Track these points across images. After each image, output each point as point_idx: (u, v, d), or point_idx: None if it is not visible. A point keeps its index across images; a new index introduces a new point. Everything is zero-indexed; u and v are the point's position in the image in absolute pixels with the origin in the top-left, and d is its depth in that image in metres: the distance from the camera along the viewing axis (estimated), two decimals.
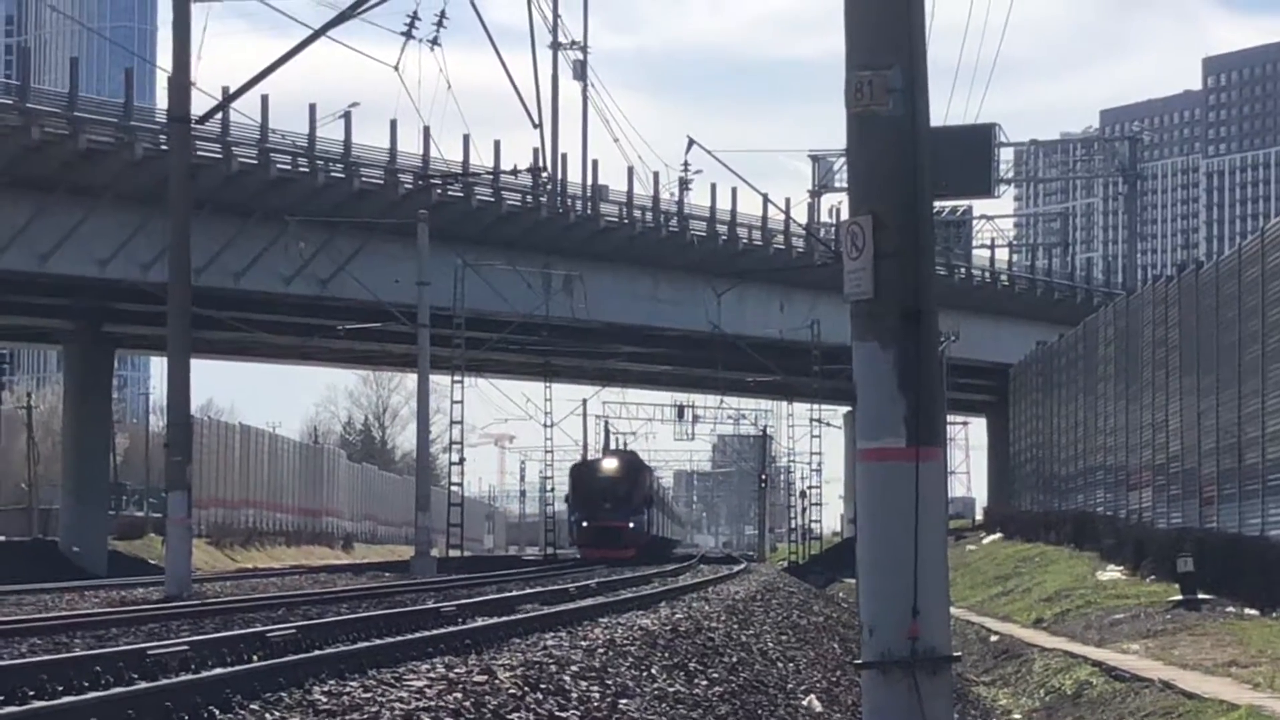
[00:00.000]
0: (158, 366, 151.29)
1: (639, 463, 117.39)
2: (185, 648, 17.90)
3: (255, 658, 17.58)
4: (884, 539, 11.87)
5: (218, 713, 13.27)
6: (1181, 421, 37.01)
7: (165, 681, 14.86)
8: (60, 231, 61.56)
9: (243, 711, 13.34)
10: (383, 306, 67.17)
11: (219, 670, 15.67)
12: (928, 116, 12.23)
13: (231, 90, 49.37)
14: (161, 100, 55.22)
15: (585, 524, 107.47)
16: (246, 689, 14.39)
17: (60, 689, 14.78)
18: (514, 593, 33.36)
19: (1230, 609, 30.90)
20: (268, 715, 13.11)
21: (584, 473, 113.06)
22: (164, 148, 50.62)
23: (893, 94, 11.96)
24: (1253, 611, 30.03)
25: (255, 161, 65.31)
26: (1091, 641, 30.70)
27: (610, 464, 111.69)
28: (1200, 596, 32.36)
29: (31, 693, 14.52)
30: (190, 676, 15.25)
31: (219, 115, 54.79)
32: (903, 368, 11.83)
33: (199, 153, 56.10)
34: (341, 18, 43.95)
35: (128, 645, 18.70)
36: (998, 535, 75.35)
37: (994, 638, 36.28)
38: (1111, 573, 41.97)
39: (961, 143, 13.04)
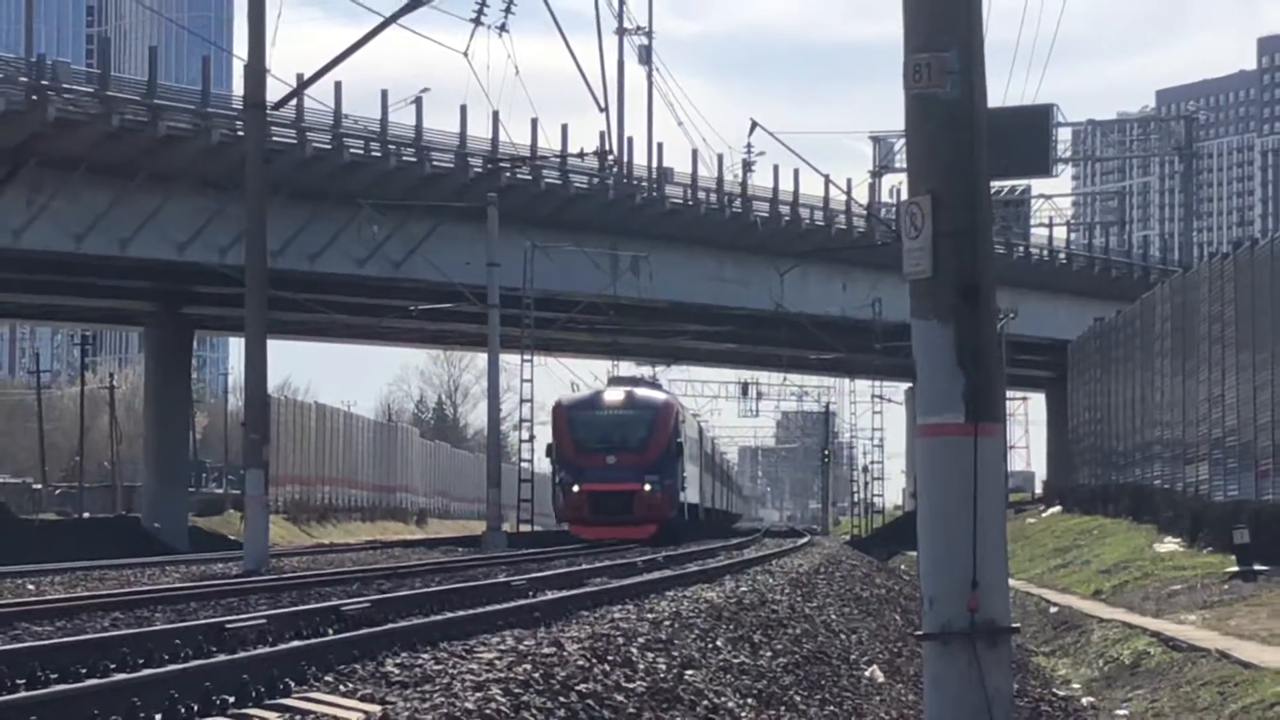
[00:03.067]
0: (236, 347, 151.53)
1: (661, 397, 78.06)
2: (263, 621, 17.93)
3: (330, 631, 17.61)
4: (944, 513, 11.83)
5: (293, 684, 13.29)
6: (1238, 396, 36.81)
7: (243, 654, 14.89)
8: (140, 216, 61.75)
9: (317, 684, 13.35)
10: (454, 287, 67.26)
11: (295, 643, 15.70)
12: (985, 98, 12.17)
13: (305, 77, 49.57)
14: (238, 87, 55.20)
15: (576, 487, 70.05)
16: (321, 661, 14.42)
17: (141, 661, 14.83)
18: (582, 566, 33.37)
19: None
20: (341, 687, 13.11)
21: (575, 411, 73.49)
22: (240, 133, 50.74)
23: (950, 76, 11.91)
24: None
25: (329, 146, 65.37)
26: (1149, 612, 30.56)
27: (615, 395, 74.59)
28: (1256, 568, 32.19)
29: (113, 665, 14.56)
30: (267, 649, 15.29)
31: (293, 101, 54.90)
32: (961, 344, 11.78)
33: (274, 138, 56.24)
34: (412, 5, 44.04)
35: (207, 619, 18.75)
36: (1057, 508, 75.11)
37: (1053, 609, 36.14)
38: (1169, 545, 41.80)
39: (1020, 123, 12.99)
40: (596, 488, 68.26)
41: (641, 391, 76.54)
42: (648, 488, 68.59)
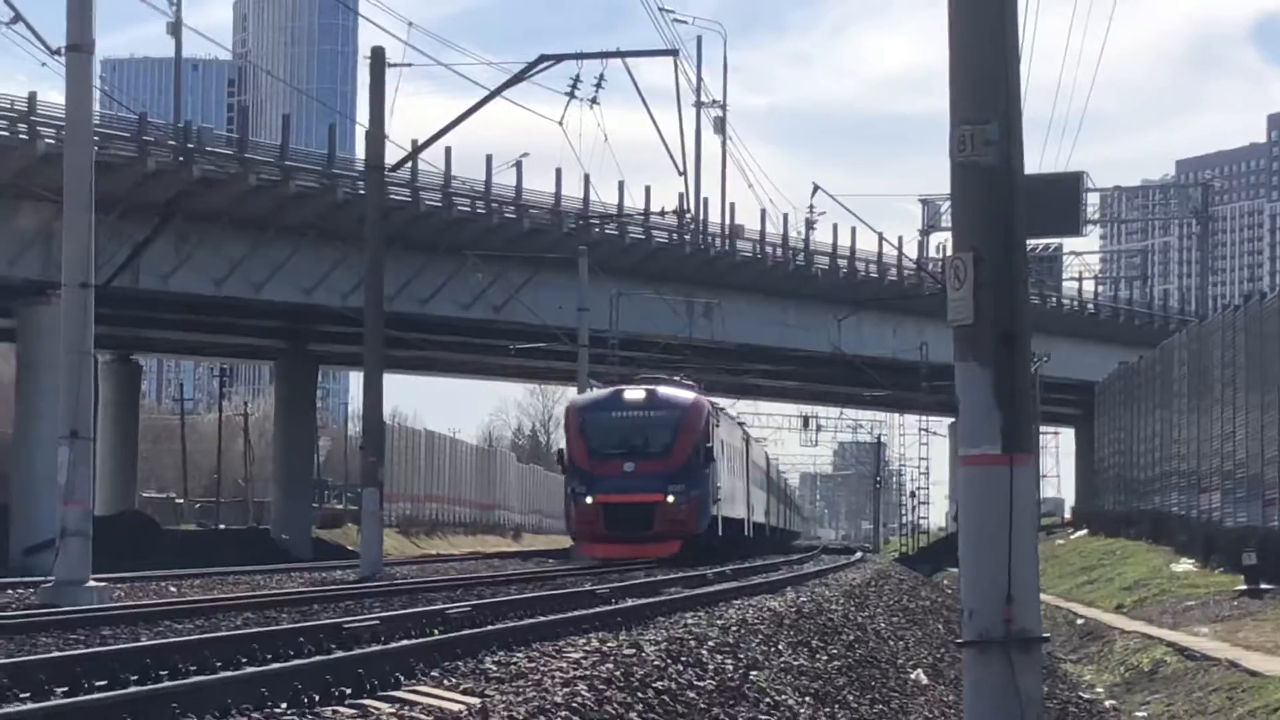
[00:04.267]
0: (355, 380, 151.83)
1: (690, 396, 59.10)
2: (376, 622, 17.95)
3: (436, 631, 17.61)
4: (982, 534, 11.79)
5: (402, 679, 13.29)
6: (1247, 433, 36.61)
7: (358, 651, 14.91)
8: (273, 264, 62.11)
9: (424, 678, 13.35)
10: (548, 329, 67.15)
11: (404, 642, 15.70)
12: (1022, 165, 12.13)
13: (420, 143, 49.88)
14: (360, 151, 55.48)
15: (589, 499, 54.47)
16: (427, 658, 14.43)
17: (269, 656, 14.85)
18: (658, 577, 33.30)
19: None
20: (445, 681, 13.11)
21: (589, 412, 57.58)
22: (361, 192, 50.95)
23: (991, 145, 11.87)
24: None
25: (439, 204, 65.68)
26: (1166, 625, 30.41)
27: (635, 394, 57.31)
28: (1263, 586, 32.01)
29: (244, 659, 14.60)
30: (379, 647, 15.29)
31: (409, 164, 55.26)
32: (998, 385, 11.75)
33: (391, 196, 56.36)
34: (513, 80, 44.25)
35: (327, 620, 18.78)
36: (1084, 531, 74.77)
37: (1080, 621, 36.02)
38: (1184, 565, 41.62)
39: (1054, 188, 12.92)
40: (611, 499, 51.76)
41: (666, 390, 57.23)
42: (671, 499, 51.91)
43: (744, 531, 72.01)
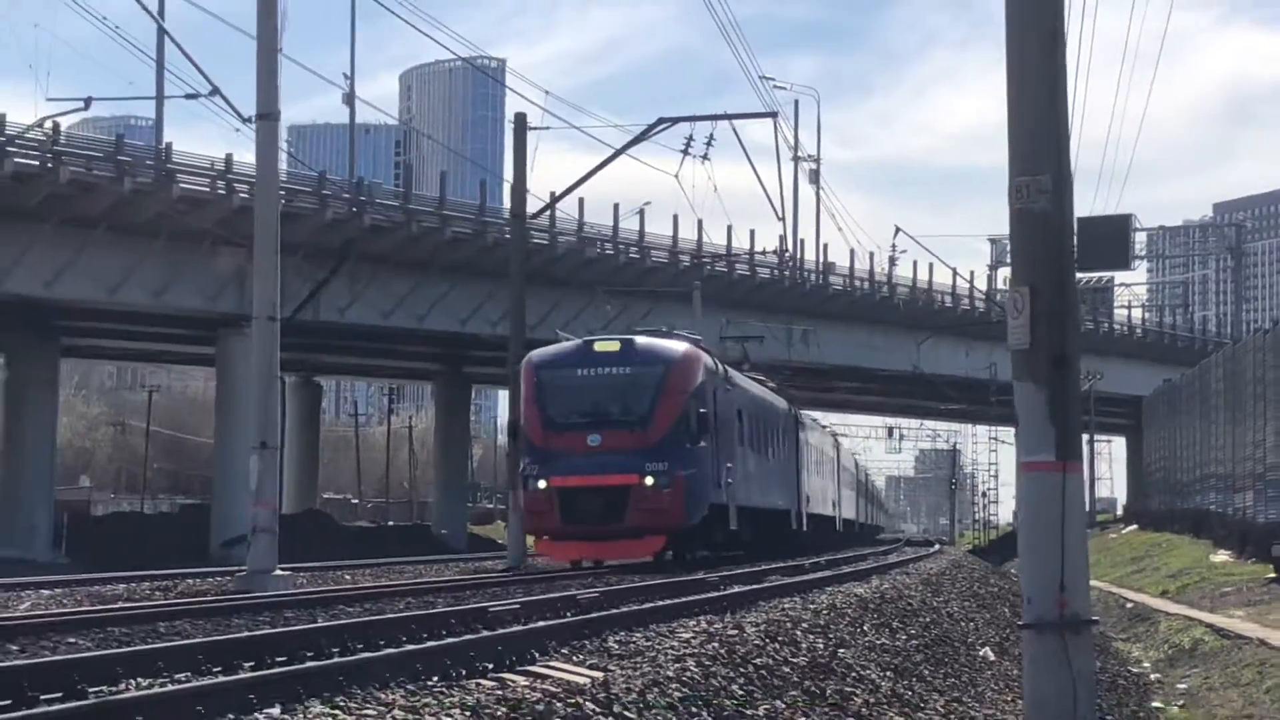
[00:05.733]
0: (502, 396, 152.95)
1: (679, 348, 38.17)
2: (517, 606, 17.97)
3: (568, 614, 17.59)
4: (1038, 531, 11.78)
5: (538, 655, 13.29)
6: (1277, 440, 36.17)
7: (501, 631, 14.91)
8: (432, 299, 62.69)
9: (556, 655, 13.36)
10: None
11: (540, 623, 15.69)
12: (1072, 210, 12.09)
13: (556, 194, 50.06)
14: (506, 201, 55.82)
15: (541, 483, 35.85)
16: (559, 638, 14.43)
17: (424, 636, 14.89)
18: (761, 567, 33.18)
19: None
20: (574, 657, 13.12)
21: (547, 371, 37.56)
22: (507, 236, 51.08)
23: (1044, 194, 11.81)
24: None
25: (574, 246, 66.01)
26: (1204, 608, 30.07)
27: (608, 346, 37.68)
28: None
29: (404, 638, 14.65)
30: (519, 628, 15.29)
31: (547, 212, 55.61)
32: (1052, 402, 11.74)
33: (533, 240, 56.65)
34: (636, 140, 44.39)
35: (475, 604, 18.80)
36: (1134, 527, 74.13)
37: (1129, 605, 35.66)
38: (1221, 556, 41.19)
39: (1106, 228, 12.85)
40: (570, 483, 34.00)
41: (647, 340, 38.08)
42: (649, 481, 33.78)
43: (835, 527, 64.79)
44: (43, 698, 10.16)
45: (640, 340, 36.38)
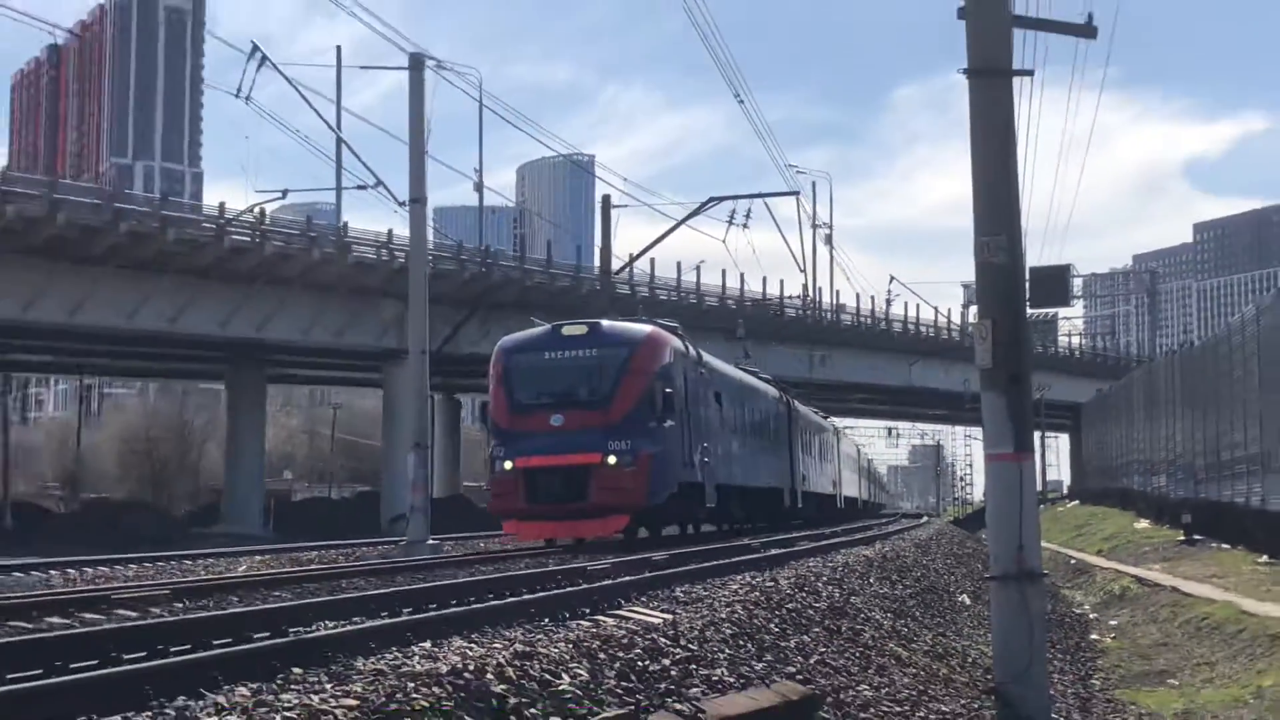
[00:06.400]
0: None
1: (644, 330, 28.33)
2: (608, 565, 17.92)
3: (646, 572, 17.54)
4: (1002, 507, 11.77)
5: (622, 602, 13.22)
6: (1184, 435, 35.87)
7: (595, 585, 14.87)
8: None
9: (636, 601, 13.32)
10: None
11: (624, 578, 15.66)
12: (1024, 262, 12.08)
13: (634, 255, 50.44)
14: (596, 260, 56.09)
15: (507, 463, 26.18)
16: (639, 589, 14.37)
17: (538, 588, 14.89)
18: (793, 535, 32.95)
19: (1213, 545, 29.80)
20: (650, 605, 13.08)
21: (515, 355, 28.04)
22: (597, 287, 51.19)
23: (1002, 250, 11.77)
24: (1226, 546, 28.93)
25: (647, 294, 65.97)
26: (1130, 564, 29.85)
27: (575, 330, 27.76)
28: (1195, 538, 31.36)
29: (524, 590, 14.64)
30: (609, 582, 15.25)
31: (627, 269, 55.71)
32: (1010, 407, 11.70)
33: (616, 290, 56.71)
34: (693, 214, 44.73)
35: (578, 565, 18.74)
36: (1076, 502, 73.47)
37: (1072, 561, 35.44)
38: (1143, 524, 40.86)
39: (1051, 275, 12.81)
40: (533, 463, 26.89)
41: (613, 324, 30.33)
42: (612, 459, 26.56)
43: (836, 504, 56.24)
44: (255, 636, 10.29)
45: (606, 324, 28.34)
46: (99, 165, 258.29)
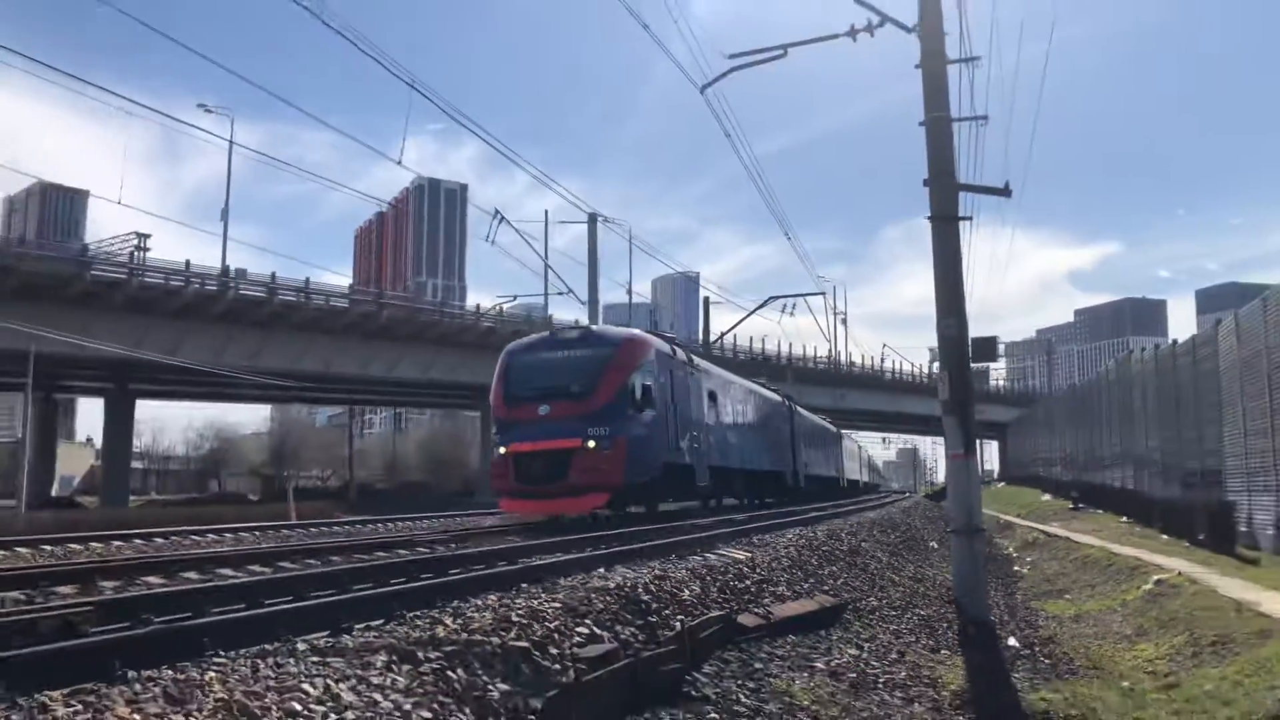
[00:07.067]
0: None
1: (624, 333, 18.88)
2: (709, 522, 17.54)
3: (733, 528, 17.27)
4: (957, 486, 11.44)
5: (718, 545, 12.83)
6: (1071, 441, 34.71)
7: (700, 535, 14.40)
8: None
9: (727, 545, 13.04)
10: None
11: (718, 530, 15.27)
12: (968, 334, 11.77)
13: (722, 332, 50.10)
14: (700, 336, 55.81)
15: (502, 449, 16.60)
16: (729, 538, 13.95)
17: (670, 540, 14.55)
18: (827, 504, 32.30)
19: (1093, 511, 28.66)
20: (734, 546, 12.91)
21: (514, 356, 18.41)
22: (700, 352, 51.17)
23: (953, 327, 11.55)
24: (1100, 512, 27.82)
25: (731, 356, 65.60)
26: (1039, 523, 28.77)
27: (566, 334, 18.57)
28: (1080, 506, 30.21)
29: (659, 537, 14.37)
30: (708, 533, 14.93)
31: (718, 343, 55.35)
32: (961, 424, 11.40)
33: (712, 354, 56.55)
34: (758, 308, 44.43)
35: (690, 521, 18.37)
36: (1003, 484, 71.28)
37: (1002, 521, 34.22)
38: (1046, 497, 39.38)
39: (985, 342, 12.55)
40: (523, 448, 16.88)
41: (603, 328, 21.38)
42: (591, 444, 16.42)
43: (840, 484, 47.39)
44: (498, 564, 10.11)
45: (597, 328, 21.33)
46: (406, 281, 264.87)
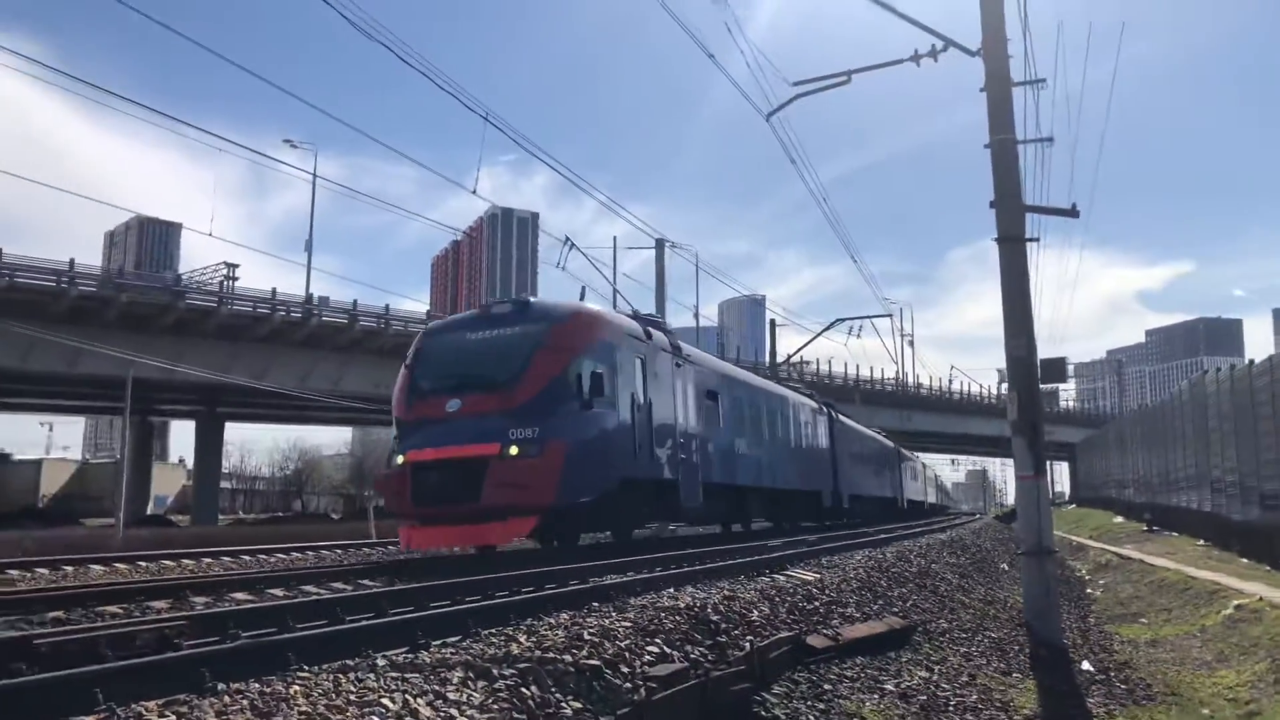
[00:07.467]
0: None
1: (571, 307, 12.11)
2: (780, 544, 17.39)
3: (804, 549, 17.06)
4: (1026, 507, 11.18)
5: (788, 566, 12.62)
6: (1144, 462, 33.64)
7: (771, 555, 14.22)
8: None
9: (797, 566, 12.80)
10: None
11: (788, 551, 15.11)
12: (1036, 355, 11.55)
13: (789, 354, 49.59)
14: (768, 358, 55.61)
15: (399, 458, 10.68)
16: (799, 559, 13.72)
17: (741, 560, 14.37)
18: (895, 524, 31.72)
19: (1168, 534, 27.72)
20: (802, 567, 12.76)
21: (430, 337, 12.31)
22: (768, 374, 50.81)
23: (1022, 348, 11.33)
24: (1175, 534, 26.89)
25: (799, 377, 64.99)
26: (1112, 544, 27.96)
27: (501, 309, 11.74)
28: (1154, 528, 29.24)
29: (729, 558, 14.21)
30: (779, 554, 14.74)
31: (788, 363, 54.91)
32: (1030, 445, 11.17)
33: (779, 374, 56.23)
34: (825, 330, 44.06)
35: (760, 542, 18.10)
36: (1074, 505, 69.40)
37: (1074, 542, 33.33)
38: (1119, 519, 38.29)
39: (1054, 363, 12.33)
40: (423, 456, 10.31)
41: (543, 300, 12.40)
42: (513, 450, 10.11)
43: (897, 506, 42.12)
44: (570, 582, 9.95)
45: (537, 300, 14.03)
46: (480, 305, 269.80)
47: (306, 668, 5.57)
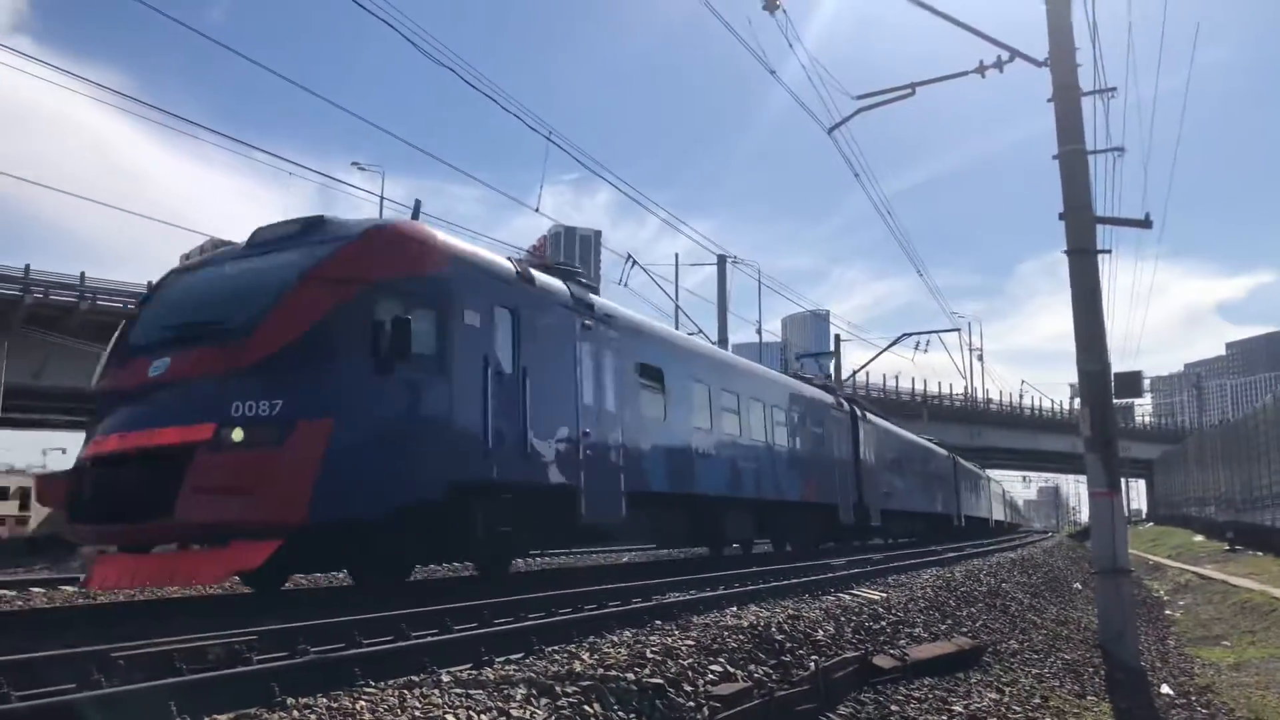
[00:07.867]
0: None
1: (369, 224, 6.12)
2: (844, 563, 17.06)
3: (869, 567, 16.75)
4: (1101, 526, 10.85)
5: (853, 585, 12.43)
6: (1225, 479, 32.47)
7: (836, 574, 14.02)
8: None
9: (862, 585, 12.72)
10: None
11: (854, 570, 14.86)
12: (1110, 369, 11.23)
13: (854, 370, 49.05)
14: (832, 375, 54.93)
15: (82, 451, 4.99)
16: (864, 578, 13.54)
17: (805, 579, 14.14)
18: (964, 542, 31.05)
19: (1251, 553, 26.67)
20: (869, 586, 12.54)
21: (172, 275, 6.87)
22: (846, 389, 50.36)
23: (1095, 362, 11.03)
24: (1259, 553, 25.85)
25: (864, 393, 64.18)
26: (1191, 564, 26.98)
27: (284, 229, 6.09)
28: (1236, 547, 28.17)
29: (793, 577, 14.02)
30: (844, 573, 14.50)
31: (851, 379, 54.23)
32: (1104, 461, 10.85)
33: (843, 390, 55.59)
34: (891, 345, 43.49)
35: (823, 561, 17.72)
36: (1151, 524, 67.20)
37: (1151, 562, 32.25)
38: (1199, 538, 36.97)
39: (1128, 377, 11.99)
40: (105, 448, 4.71)
41: (342, 219, 6.23)
42: (236, 435, 4.51)
43: (953, 523, 38.50)
44: (633, 600, 10.00)
45: (333, 218, 7.95)
46: None
47: (373, 683, 5.60)
